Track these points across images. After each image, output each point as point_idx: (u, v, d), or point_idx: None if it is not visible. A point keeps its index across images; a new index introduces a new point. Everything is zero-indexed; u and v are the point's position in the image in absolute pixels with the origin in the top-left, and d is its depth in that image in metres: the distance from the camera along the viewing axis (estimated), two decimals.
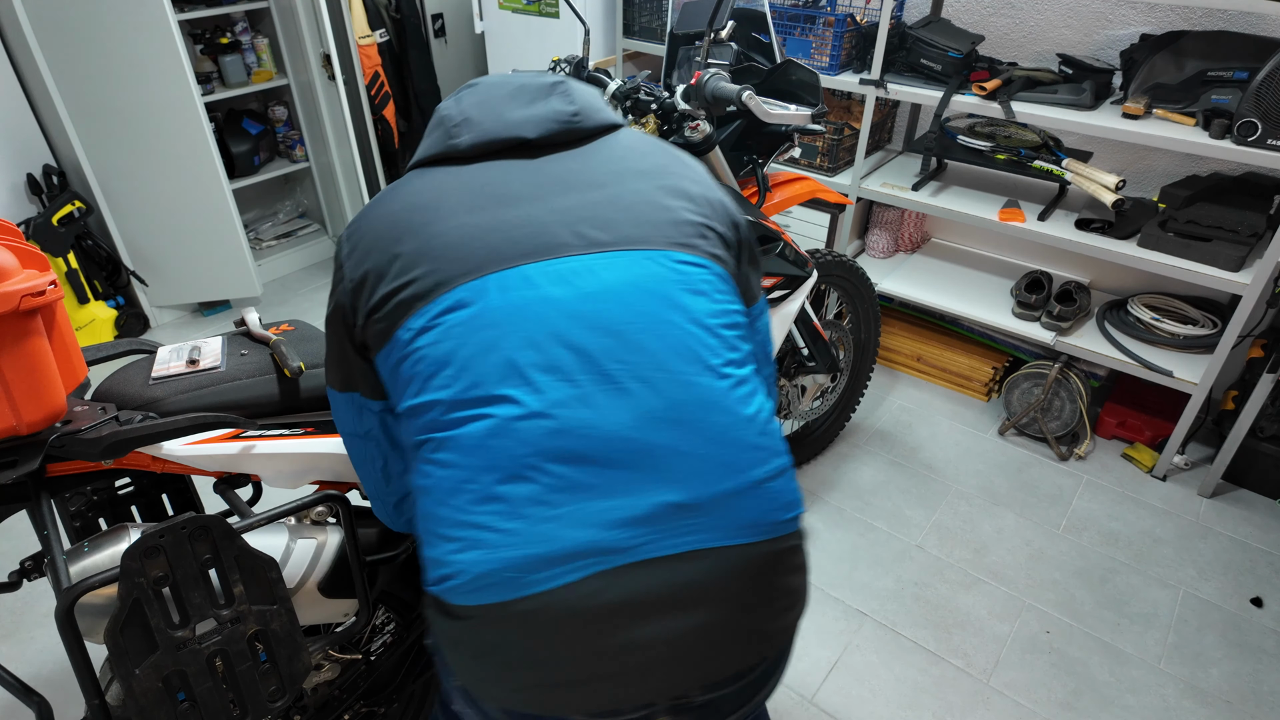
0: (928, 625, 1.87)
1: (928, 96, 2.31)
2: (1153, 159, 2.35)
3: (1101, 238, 2.20)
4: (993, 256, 2.81)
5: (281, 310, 3.21)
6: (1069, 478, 2.32)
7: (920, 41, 2.34)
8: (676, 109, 1.64)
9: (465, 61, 3.96)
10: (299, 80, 3.29)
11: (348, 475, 1.24)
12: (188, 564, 0.92)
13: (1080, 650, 1.82)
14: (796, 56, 2.51)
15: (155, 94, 2.63)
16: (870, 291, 2.22)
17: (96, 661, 1.61)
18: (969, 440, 2.47)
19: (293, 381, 1.18)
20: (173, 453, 1.06)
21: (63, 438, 0.96)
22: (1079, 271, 2.62)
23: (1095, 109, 2.14)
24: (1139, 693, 1.73)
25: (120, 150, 2.72)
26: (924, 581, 1.99)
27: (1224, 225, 2.02)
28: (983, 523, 2.16)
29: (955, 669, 1.76)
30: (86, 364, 1.07)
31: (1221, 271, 2.02)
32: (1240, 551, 2.08)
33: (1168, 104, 2.06)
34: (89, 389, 1.11)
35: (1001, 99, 2.19)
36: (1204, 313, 2.30)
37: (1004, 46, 2.50)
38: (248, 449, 1.10)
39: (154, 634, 0.91)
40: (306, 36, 3.04)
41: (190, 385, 1.12)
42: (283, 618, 1.01)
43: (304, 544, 1.18)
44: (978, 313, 2.48)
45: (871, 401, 2.63)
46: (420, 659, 1.44)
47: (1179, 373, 2.15)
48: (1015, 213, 2.34)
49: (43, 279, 0.88)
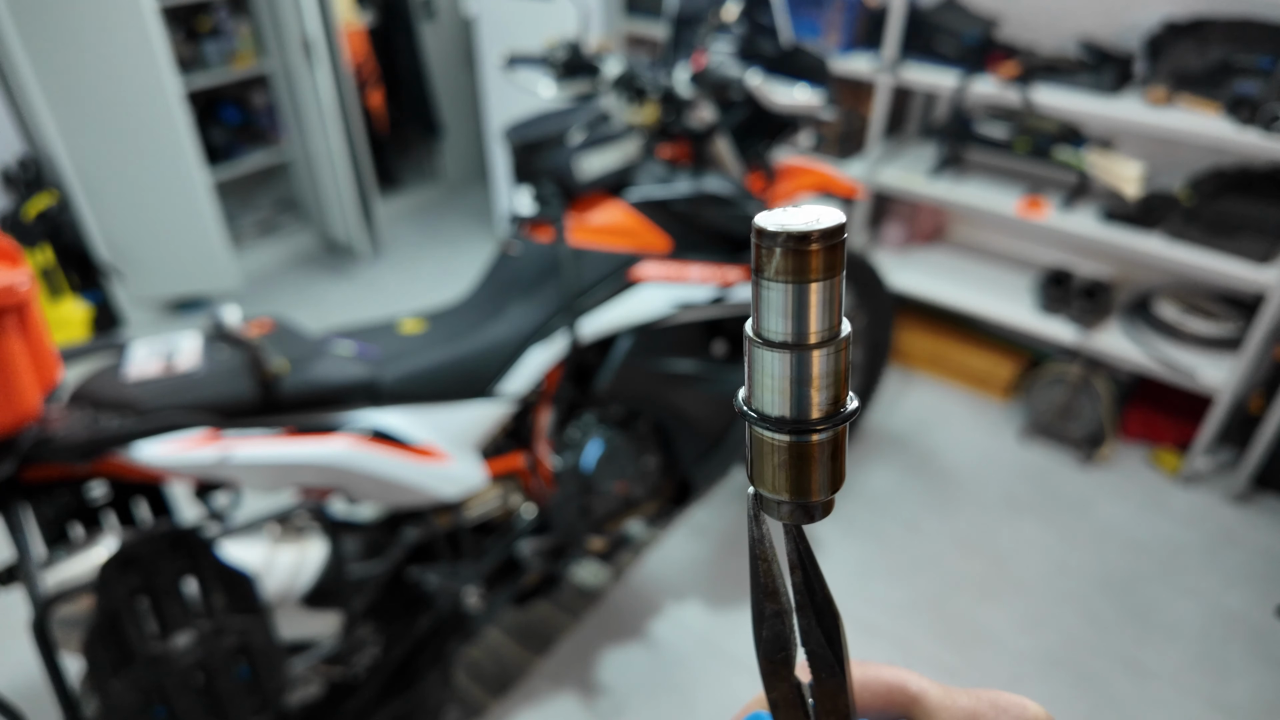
0: (945, 640, 1.88)
1: (942, 82, 2.31)
2: (1176, 150, 2.35)
3: (1125, 231, 2.20)
4: (1011, 248, 2.82)
5: (263, 305, 3.22)
6: (1091, 483, 2.32)
7: (934, 24, 2.34)
8: (678, 95, 1.64)
9: (455, 45, 3.97)
10: (282, 66, 3.29)
11: (328, 480, 1.24)
12: (165, 575, 0.92)
13: (1102, 664, 1.82)
14: (806, 37, 2.52)
15: (132, 81, 2.64)
16: (883, 288, 2.22)
17: (77, 673, 1.61)
18: (987, 444, 2.47)
19: (273, 381, 1.18)
20: (150, 458, 1.07)
21: (38, 442, 0.97)
22: (1101, 265, 2.63)
23: (1117, 94, 2.15)
24: (1162, 707, 1.73)
25: (97, 139, 2.72)
26: (940, 594, 2.00)
27: (1251, 218, 2.02)
28: (1002, 531, 2.17)
29: (973, 686, 1.77)
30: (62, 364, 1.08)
31: (1248, 266, 2.02)
32: (1267, 560, 2.08)
33: (1191, 90, 2.06)
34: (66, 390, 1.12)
35: (1020, 84, 2.19)
36: (1232, 309, 2.31)
37: (1022, 31, 2.51)
38: (226, 454, 1.10)
39: (131, 646, 0.92)
40: (290, 20, 3.05)
41: (168, 385, 1.12)
42: (263, 630, 1.02)
43: (285, 554, 1.18)
44: (996, 309, 2.48)
45: (885, 404, 2.64)
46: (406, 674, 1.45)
47: (1205, 373, 2.16)
48: (1036, 204, 2.34)
49: (16, 275, 0.89)
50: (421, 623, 1.42)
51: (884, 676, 0.31)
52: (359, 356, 1.32)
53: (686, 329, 1.70)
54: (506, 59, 1.79)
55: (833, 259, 0.24)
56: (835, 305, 0.25)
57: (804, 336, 0.25)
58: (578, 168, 1.53)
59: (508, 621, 1.90)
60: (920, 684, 0.30)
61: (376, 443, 1.27)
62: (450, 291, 3.11)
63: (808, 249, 0.24)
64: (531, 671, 1.80)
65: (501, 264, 1.58)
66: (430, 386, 1.35)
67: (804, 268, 0.24)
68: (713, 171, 1.72)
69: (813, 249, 0.24)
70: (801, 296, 0.24)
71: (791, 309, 0.25)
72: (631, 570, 2.04)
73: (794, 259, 0.24)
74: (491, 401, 1.42)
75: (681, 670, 1.81)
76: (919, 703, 0.30)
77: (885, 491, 2.27)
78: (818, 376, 0.25)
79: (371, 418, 1.28)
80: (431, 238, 3.83)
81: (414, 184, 4.20)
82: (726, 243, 1.69)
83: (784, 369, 0.25)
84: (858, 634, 1.88)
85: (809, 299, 0.25)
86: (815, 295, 0.24)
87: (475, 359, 1.40)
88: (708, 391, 1.68)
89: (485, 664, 1.81)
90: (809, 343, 0.25)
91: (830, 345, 0.25)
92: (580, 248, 1.53)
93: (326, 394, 1.23)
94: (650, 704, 1.74)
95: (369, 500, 1.33)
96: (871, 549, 2.10)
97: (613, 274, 1.54)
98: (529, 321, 1.47)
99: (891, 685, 0.31)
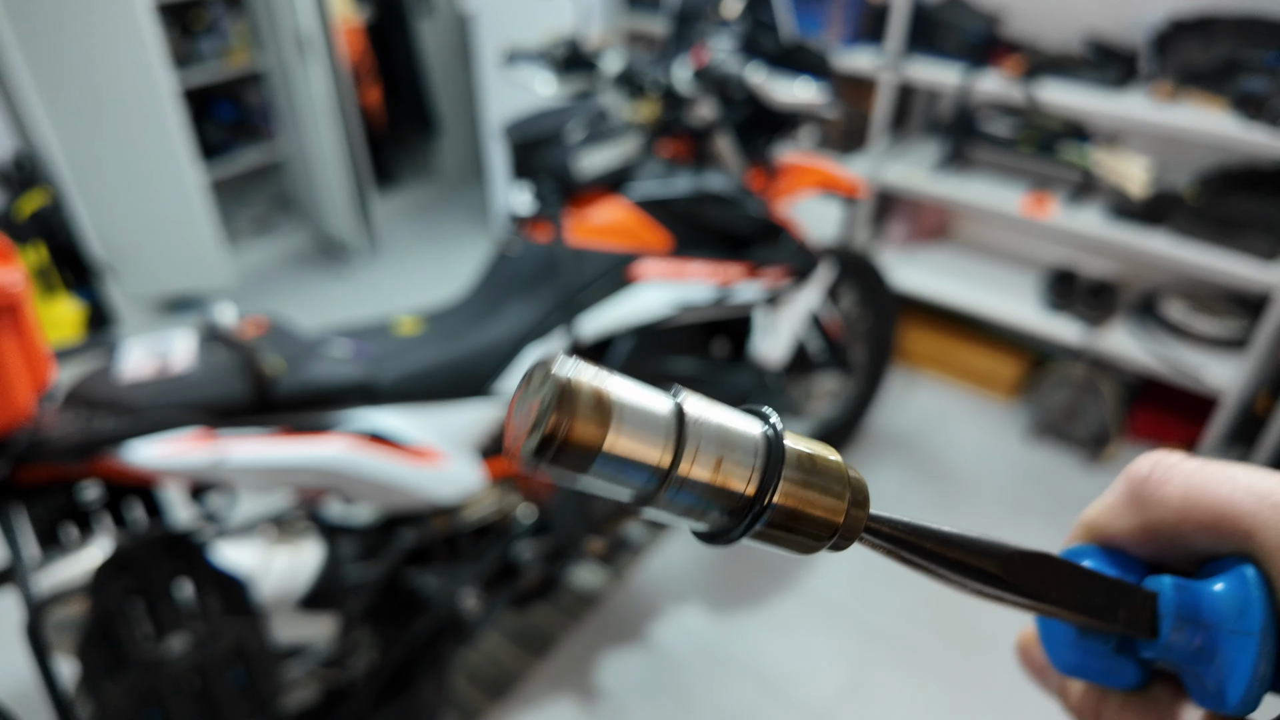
0: (948, 645, 1.88)
1: (946, 78, 2.31)
2: (1182, 147, 2.35)
3: (1131, 229, 2.20)
4: (1015, 246, 2.82)
5: (258, 304, 3.22)
6: (1097, 484, 2.32)
7: (938, 19, 2.34)
8: (679, 92, 1.64)
9: (453, 42, 3.97)
10: (277, 63, 3.29)
11: (324, 482, 1.24)
12: (160, 578, 0.92)
13: None
14: (808, 33, 2.52)
15: (127, 78, 2.64)
16: (886, 286, 2.22)
17: (71, 676, 1.61)
18: (992, 445, 2.47)
19: (268, 381, 1.18)
20: (144, 459, 1.07)
21: (31, 442, 0.97)
22: (1107, 263, 2.63)
23: (1123, 91, 2.15)
24: None
25: (90, 136, 2.73)
26: (943, 597, 2.00)
27: (1258, 216, 2.02)
28: (1006, 532, 2.14)
29: (977, 692, 1.77)
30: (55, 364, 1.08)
31: (1255, 264, 2.02)
32: None
33: (1198, 87, 2.06)
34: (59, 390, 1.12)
35: (1025, 81, 2.19)
36: (1238, 309, 2.30)
37: (1027, 27, 2.51)
38: (221, 456, 1.10)
39: (126, 650, 0.92)
40: (285, 17, 3.05)
41: (162, 385, 1.12)
42: (258, 634, 1.02)
43: (280, 556, 1.18)
44: (1001, 308, 2.48)
45: (888, 404, 2.64)
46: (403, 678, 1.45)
47: (1211, 373, 2.16)
48: (1040, 202, 2.34)
49: (10, 274, 0.89)
50: (418, 626, 1.42)
51: (1209, 503, 0.27)
52: (355, 356, 1.32)
53: (686, 329, 1.69)
54: (505, 55, 1.79)
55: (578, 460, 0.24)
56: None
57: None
58: (577, 165, 1.53)
59: (506, 625, 1.90)
60: (1255, 517, 0.26)
61: (373, 444, 1.27)
62: (447, 290, 3.10)
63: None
64: (530, 675, 1.80)
65: (499, 263, 1.58)
66: (428, 386, 1.35)
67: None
68: (713, 169, 1.72)
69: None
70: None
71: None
72: (631, 573, 2.04)
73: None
74: (490, 401, 1.42)
75: (681, 674, 1.81)
76: (1253, 538, 0.26)
77: (889, 492, 2.26)
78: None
79: (368, 418, 1.28)
80: (428, 236, 3.83)
81: (411, 182, 4.20)
82: (727, 241, 1.69)
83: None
84: (858, 637, 1.88)
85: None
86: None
87: (473, 358, 1.40)
88: (707, 392, 1.67)
89: (483, 667, 1.81)
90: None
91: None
92: (579, 246, 1.53)
93: (322, 394, 1.23)
94: (650, 708, 1.74)
95: (365, 502, 1.33)
96: (873, 552, 2.10)
97: (612, 272, 1.54)
98: (527, 320, 1.47)
99: (1220, 515, 0.27)
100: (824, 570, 2.06)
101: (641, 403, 0.25)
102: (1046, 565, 0.30)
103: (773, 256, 1.73)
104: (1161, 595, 0.28)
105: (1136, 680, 0.30)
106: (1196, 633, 0.27)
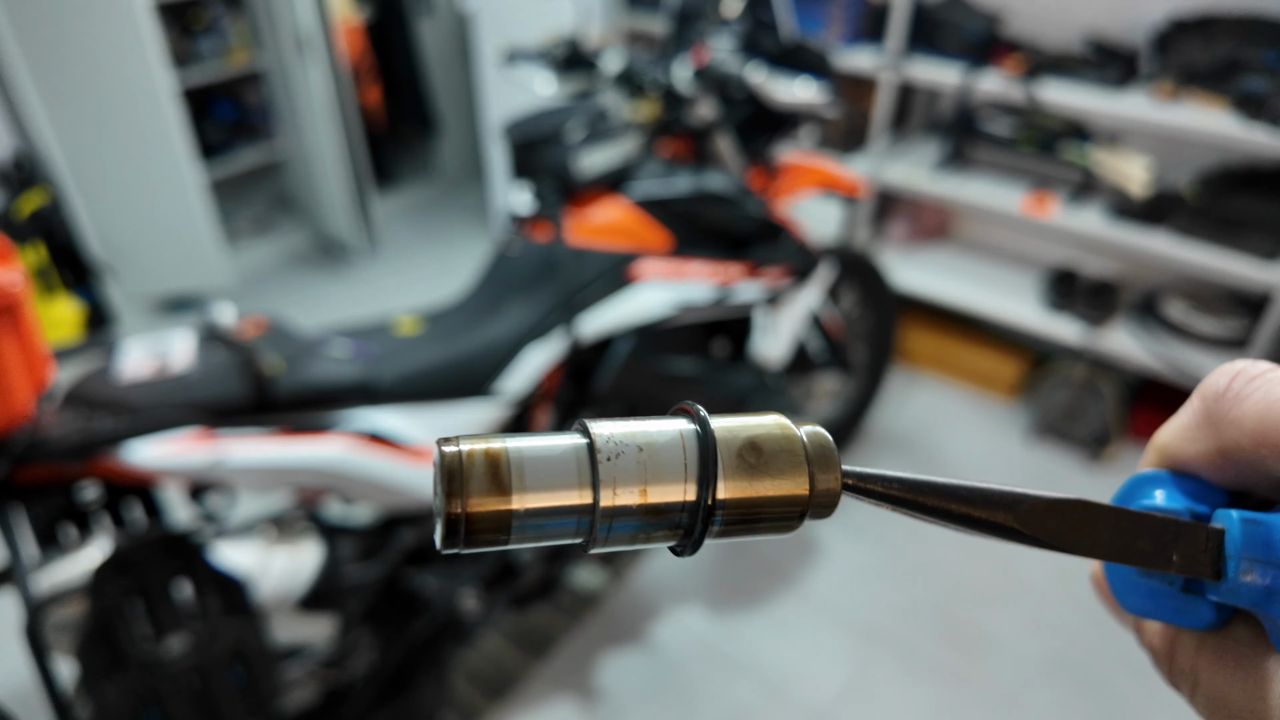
0: (948, 644, 1.88)
1: (947, 78, 2.31)
2: (1183, 147, 2.36)
3: (1131, 229, 2.21)
4: (1016, 246, 2.82)
5: (258, 304, 3.22)
6: (1098, 484, 2.33)
7: (938, 19, 2.35)
8: (679, 92, 1.65)
9: (452, 41, 3.97)
10: (277, 62, 3.29)
11: (323, 482, 1.25)
12: (159, 578, 0.93)
13: (1109, 668, 1.83)
14: (808, 32, 2.52)
15: (126, 77, 2.64)
16: (886, 286, 2.23)
17: (70, 676, 1.62)
18: (992, 445, 2.48)
19: (267, 381, 1.19)
20: (143, 459, 1.07)
21: (30, 443, 0.97)
22: (1108, 263, 2.63)
23: (1123, 90, 2.15)
24: (1168, 710, 1.74)
25: (90, 136, 2.73)
26: (944, 597, 2.00)
27: (1258, 215, 2.03)
28: None
29: (977, 690, 1.77)
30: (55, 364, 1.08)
31: (1256, 264, 2.02)
32: None
33: (1198, 86, 2.07)
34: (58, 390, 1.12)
35: (1025, 80, 2.20)
36: (1239, 308, 2.31)
37: (1027, 26, 2.51)
38: (220, 456, 1.11)
39: (125, 650, 0.92)
40: (285, 16, 3.05)
41: (161, 385, 1.12)
42: (257, 634, 1.02)
43: (279, 557, 1.19)
44: (1002, 308, 2.49)
45: (889, 404, 2.64)
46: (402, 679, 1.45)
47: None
48: (1041, 202, 2.35)
49: (9, 274, 0.89)
50: (418, 626, 1.42)
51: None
52: (355, 356, 1.32)
53: (687, 329, 1.70)
54: (505, 55, 1.80)
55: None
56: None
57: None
58: (577, 165, 1.53)
59: (505, 625, 1.90)
60: None
61: (373, 444, 1.27)
62: (447, 290, 3.10)
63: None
64: (529, 676, 1.80)
65: (499, 263, 1.58)
66: (427, 386, 1.35)
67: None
68: (713, 169, 1.72)
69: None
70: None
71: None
72: (631, 573, 2.05)
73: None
74: (489, 401, 1.42)
75: (681, 675, 1.81)
76: None
77: None
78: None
79: (367, 418, 1.28)
80: (428, 235, 3.83)
81: (410, 181, 4.20)
82: (727, 241, 1.70)
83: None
84: (858, 636, 1.89)
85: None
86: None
87: (473, 358, 1.41)
88: (708, 392, 1.68)
89: (482, 668, 1.82)
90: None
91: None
92: (579, 246, 1.53)
93: (322, 394, 1.24)
94: (650, 708, 1.74)
95: (365, 502, 1.34)
96: (874, 551, 2.10)
97: (612, 272, 1.55)
98: (527, 320, 1.48)
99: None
100: (824, 570, 2.06)
101: (542, 451, 0.24)
102: (1073, 512, 0.27)
103: (773, 256, 1.73)
104: (1228, 532, 0.25)
105: (1212, 620, 0.26)
106: (1268, 573, 0.24)
